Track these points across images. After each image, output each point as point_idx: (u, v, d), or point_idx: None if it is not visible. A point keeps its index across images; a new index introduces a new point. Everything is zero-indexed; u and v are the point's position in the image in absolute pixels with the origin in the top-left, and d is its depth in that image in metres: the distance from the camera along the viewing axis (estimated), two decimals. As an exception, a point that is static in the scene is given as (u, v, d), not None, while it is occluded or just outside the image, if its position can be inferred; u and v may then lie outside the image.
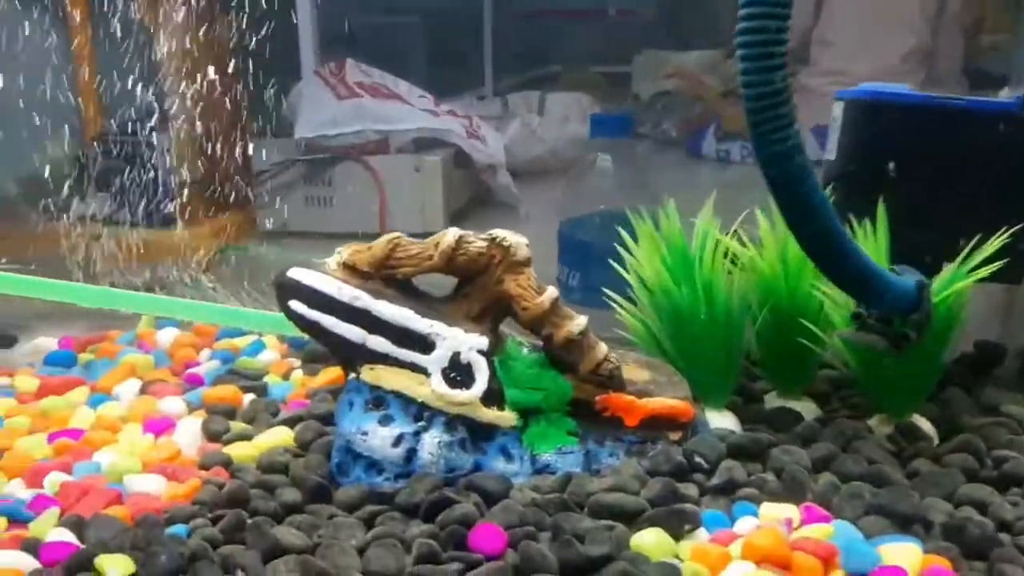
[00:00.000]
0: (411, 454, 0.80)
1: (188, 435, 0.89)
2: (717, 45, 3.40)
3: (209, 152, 2.07)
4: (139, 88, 2.11)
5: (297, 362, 1.11)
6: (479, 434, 0.82)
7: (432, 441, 0.80)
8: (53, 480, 0.79)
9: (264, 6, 1.76)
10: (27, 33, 1.69)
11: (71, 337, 1.18)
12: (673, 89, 3.36)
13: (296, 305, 0.81)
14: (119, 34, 1.99)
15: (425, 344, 0.81)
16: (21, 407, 0.95)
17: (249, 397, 0.99)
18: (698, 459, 0.81)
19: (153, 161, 2.06)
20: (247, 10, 1.82)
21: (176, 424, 0.91)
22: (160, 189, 2.09)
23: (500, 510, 0.74)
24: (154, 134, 2.07)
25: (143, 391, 1.00)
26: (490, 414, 0.82)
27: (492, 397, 0.82)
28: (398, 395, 0.81)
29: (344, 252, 0.83)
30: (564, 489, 0.78)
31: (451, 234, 0.82)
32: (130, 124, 2.03)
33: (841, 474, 0.81)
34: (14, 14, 1.70)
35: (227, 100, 2.07)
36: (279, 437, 0.88)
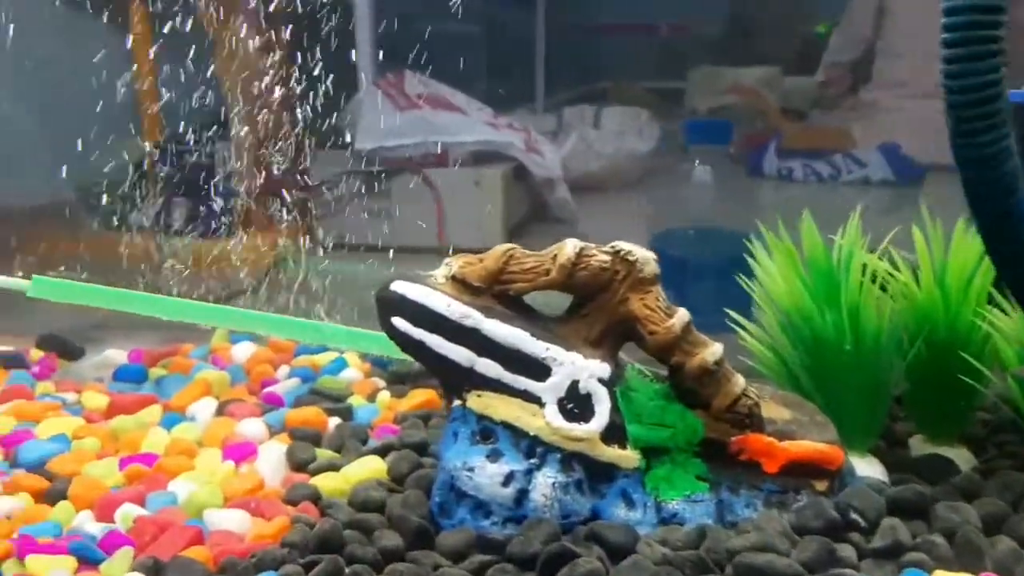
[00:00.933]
0: (522, 495, 0.70)
1: (271, 463, 0.80)
2: (773, 61, 3.29)
3: (267, 163, 2.01)
4: (200, 98, 2.06)
5: (381, 382, 1.02)
6: (597, 475, 0.71)
7: (546, 482, 0.70)
8: (126, 513, 0.71)
9: (322, 17, 1.73)
10: (88, 41, 1.65)
11: (141, 350, 1.10)
12: (731, 105, 3.27)
13: (399, 322, 0.71)
14: (181, 43, 1.95)
15: (540, 370, 0.71)
16: (90, 427, 0.87)
17: (334, 421, 0.89)
18: (854, 515, 0.69)
19: (212, 171, 2.02)
20: (305, 20, 1.78)
21: (257, 450, 0.82)
22: (219, 199, 2.04)
23: (629, 568, 0.64)
24: (214, 144, 2.03)
25: (220, 411, 0.91)
26: (611, 453, 0.71)
27: (614, 433, 0.71)
28: (508, 427, 0.71)
29: (453, 264, 0.73)
30: (699, 545, 0.67)
31: (570, 246, 0.72)
32: (189, 134, 1.98)
33: (1019, 537, 0.68)
34: (76, 23, 1.66)
35: (285, 111, 2.02)
36: (371, 468, 0.78)
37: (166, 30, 1.79)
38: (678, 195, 1.38)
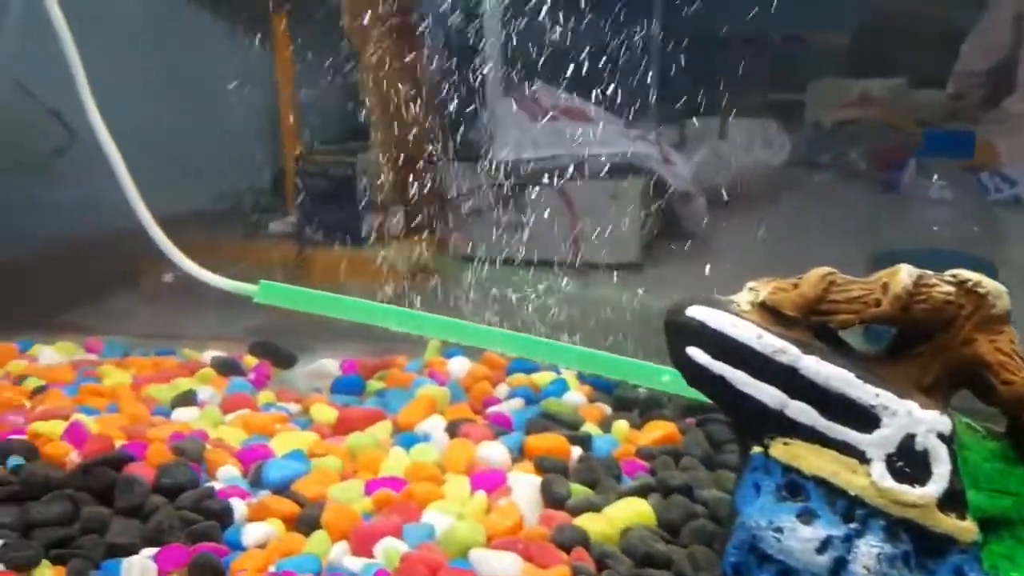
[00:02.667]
0: (839, 565, 0.58)
1: (527, 497, 0.70)
2: (900, 73, 3.04)
3: (404, 174, 1.98)
4: (340, 109, 2.04)
5: (607, 408, 0.91)
6: (928, 549, 0.58)
7: (870, 552, 0.58)
8: (388, 549, 0.63)
9: (456, 29, 1.69)
10: (232, 53, 1.63)
11: (354, 360, 1.04)
12: (860, 118, 3.04)
13: (696, 353, 0.60)
14: (322, 54, 1.92)
15: (866, 418, 0.59)
16: (325, 444, 0.80)
17: (576, 451, 0.80)
18: None
19: (351, 181, 1.99)
20: (440, 33, 1.70)
21: (506, 479, 0.73)
22: (357, 209, 2.01)
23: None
24: (355, 155, 1.99)
25: (452, 432, 0.83)
26: (948, 523, 0.58)
27: (952, 500, 0.58)
28: (821, 483, 0.59)
29: (761, 289, 0.62)
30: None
31: (906, 273, 0.59)
32: (330, 144, 1.96)
33: None
34: (220, 34, 1.64)
35: (422, 122, 1.98)
36: (636, 512, 0.68)
37: (308, 43, 1.77)
38: (824, 211, 1.24)
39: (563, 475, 0.75)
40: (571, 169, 1.96)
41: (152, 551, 0.62)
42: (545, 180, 1.93)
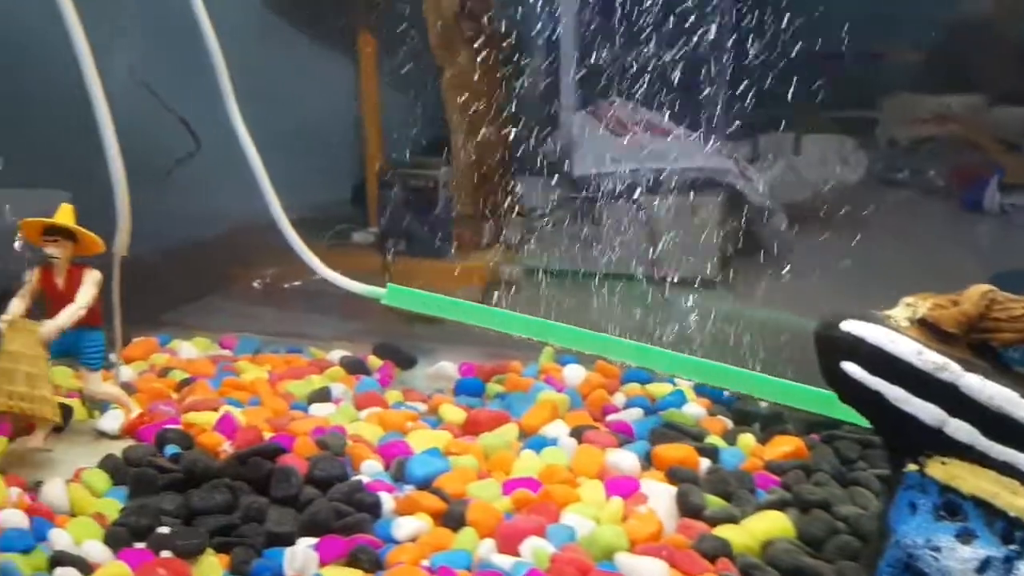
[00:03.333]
0: (999, 587, 0.56)
1: (662, 505, 0.71)
2: (979, 90, 2.91)
3: (483, 187, 1.99)
4: (423, 122, 2.06)
5: (727, 421, 0.91)
6: (1091, 573, 0.56)
7: (1032, 575, 0.56)
8: (536, 549, 0.64)
9: (531, 45, 1.70)
10: (318, 67, 1.66)
11: (471, 364, 1.06)
12: (938, 135, 2.92)
13: (851, 368, 0.60)
14: (406, 69, 1.95)
15: (1029, 441, 0.57)
16: (459, 443, 0.82)
17: (705, 463, 0.79)
18: None
19: (433, 193, 2.01)
20: (517, 48, 1.71)
21: (639, 486, 0.74)
22: (438, 220, 2.03)
23: None
24: (437, 168, 2.02)
25: (580, 439, 0.83)
26: (1114, 548, 0.56)
27: (1119, 526, 0.56)
28: (980, 503, 0.58)
29: (919, 305, 0.61)
30: None
31: (1072, 294, 0.58)
32: (412, 157, 1.98)
33: None
34: (306, 48, 1.67)
35: (501, 137, 1.99)
36: (776, 525, 0.67)
37: (393, 58, 1.80)
38: (904, 228, 1.20)
39: (691, 483, 0.75)
40: (650, 183, 1.95)
41: (310, 541, 0.65)
42: (624, 194, 1.92)
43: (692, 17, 1.56)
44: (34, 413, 0.74)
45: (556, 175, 2.02)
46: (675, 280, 1.60)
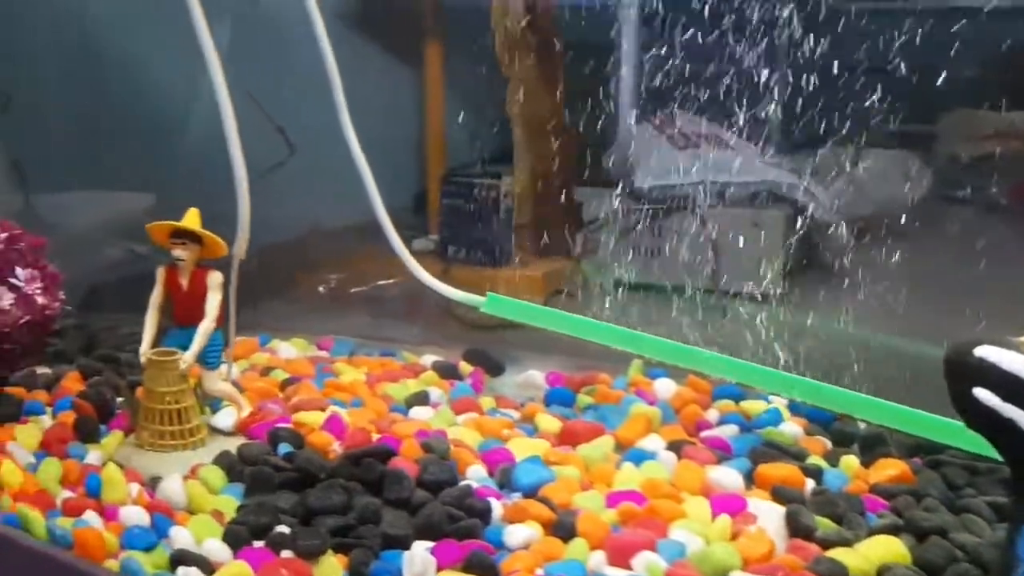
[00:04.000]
0: None
1: (772, 524, 0.70)
2: None
3: (543, 196, 1.99)
4: (486, 131, 2.06)
5: (826, 441, 0.89)
6: None
7: None
8: (650, 563, 0.63)
9: (591, 54, 1.68)
10: (384, 74, 1.68)
11: (559, 373, 1.06)
12: (1000, 151, 2.81)
13: (983, 395, 0.58)
14: (472, 78, 1.96)
15: None
16: (558, 453, 0.82)
17: (810, 484, 0.78)
18: None
19: (495, 202, 2.01)
20: (581, 59, 1.71)
21: (746, 504, 0.73)
22: (499, 229, 2.03)
23: None
24: (499, 177, 2.02)
25: (678, 454, 0.83)
26: None
27: None
28: (1118, 539, 0.55)
29: (1058, 333, 0.59)
30: None
31: None
32: (475, 166, 1.99)
33: None
34: (372, 55, 1.69)
35: (564, 147, 1.99)
36: (891, 550, 0.66)
37: (457, 65, 1.80)
38: (967, 245, 1.16)
39: (803, 506, 0.73)
40: (713, 196, 1.93)
41: (425, 544, 0.65)
42: (686, 206, 1.90)
43: (756, 29, 1.55)
44: (186, 448, 0.78)
45: (618, 186, 2.01)
46: (738, 293, 1.58)
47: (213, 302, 0.77)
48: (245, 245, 0.82)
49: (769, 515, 0.71)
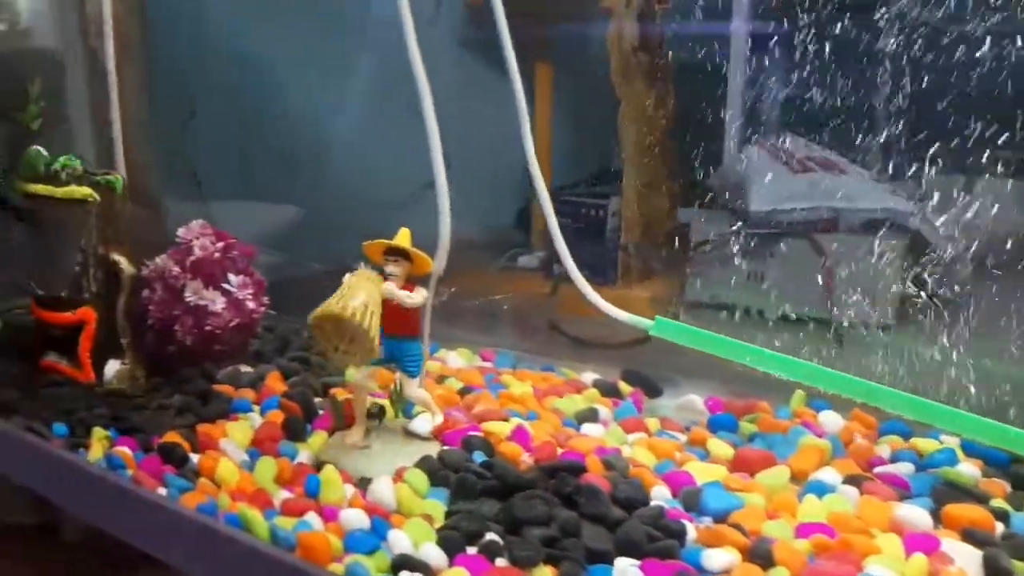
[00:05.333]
0: None
1: (970, 566, 0.69)
2: None
3: (652, 218, 1.97)
4: (594, 151, 2.05)
5: (1007, 484, 0.87)
6: None
7: None
8: (855, 597, 0.64)
9: (704, 77, 1.69)
10: (494, 92, 1.71)
11: (718, 399, 1.06)
12: None
13: None
14: (582, 98, 1.95)
15: None
16: (736, 480, 0.83)
17: (999, 527, 0.77)
18: None
19: (602, 222, 2.00)
20: (691, 80, 1.71)
21: (940, 544, 0.72)
22: (604, 249, 2.02)
23: None
24: (608, 197, 2.01)
25: (859, 489, 0.82)
26: None
27: None
28: None
29: None
30: None
31: None
32: (582, 185, 1.99)
33: None
34: (484, 74, 1.71)
35: (673, 169, 1.97)
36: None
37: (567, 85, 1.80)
38: None
39: (999, 550, 0.72)
40: (827, 222, 1.89)
41: (629, 561, 0.67)
42: (798, 232, 1.87)
43: (870, 51, 1.51)
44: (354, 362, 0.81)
45: (726, 209, 2.00)
46: (851, 322, 1.55)
47: (418, 293, 0.82)
48: (444, 263, 0.86)
49: (967, 557, 0.70)
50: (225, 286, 0.92)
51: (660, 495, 0.79)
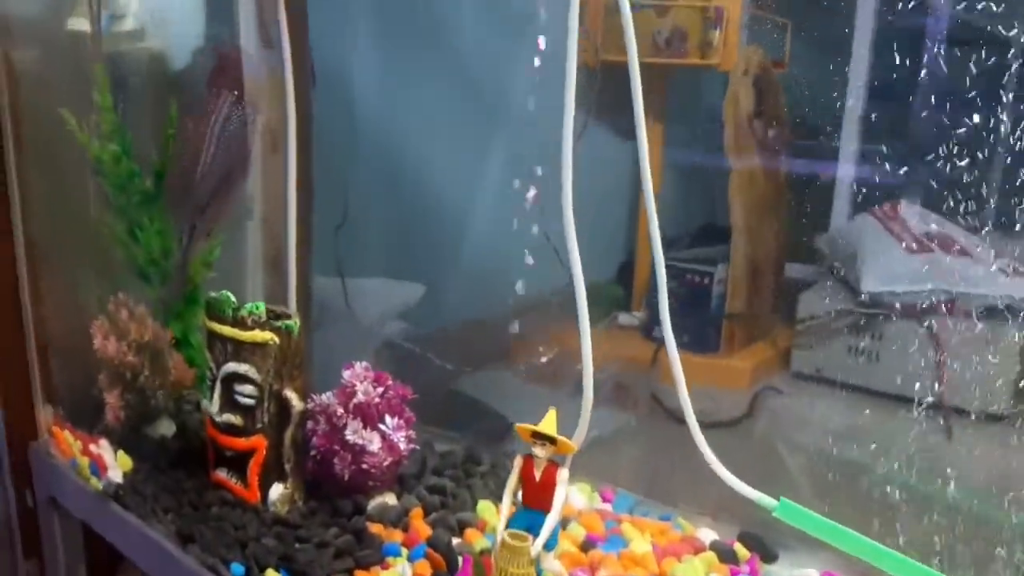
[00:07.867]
0: None
1: None
2: None
3: (757, 288, 1.92)
4: (702, 216, 2.01)
5: None
6: None
7: None
8: None
9: (816, 146, 1.68)
10: (602, 150, 1.69)
11: (833, 573, 1.06)
12: None
13: None
14: (692, 162, 1.92)
15: None
16: None
17: None
18: None
19: (707, 288, 1.97)
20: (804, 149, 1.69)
21: None
22: (708, 316, 1.98)
23: None
24: (714, 263, 1.97)
25: None
26: None
27: None
28: None
29: None
30: None
31: None
32: (688, 250, 1.96)
33: None
34: (594, 131, 1.71)
35: (777, 238, 1.91)
36: None
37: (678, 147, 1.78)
38: None
39: None
40: (943, 305, 1.81)
41: None
42: (914, 314, 1.80)
43: (1006, 115, 1.42)
44: None
45: (835, 283, 1.95)
46: (962, 410, 1.49)
47: (560, 496, 0.86)
48: (580, 442, 0.90)
49: None
50: (381, 427, 0.99)
51: None
